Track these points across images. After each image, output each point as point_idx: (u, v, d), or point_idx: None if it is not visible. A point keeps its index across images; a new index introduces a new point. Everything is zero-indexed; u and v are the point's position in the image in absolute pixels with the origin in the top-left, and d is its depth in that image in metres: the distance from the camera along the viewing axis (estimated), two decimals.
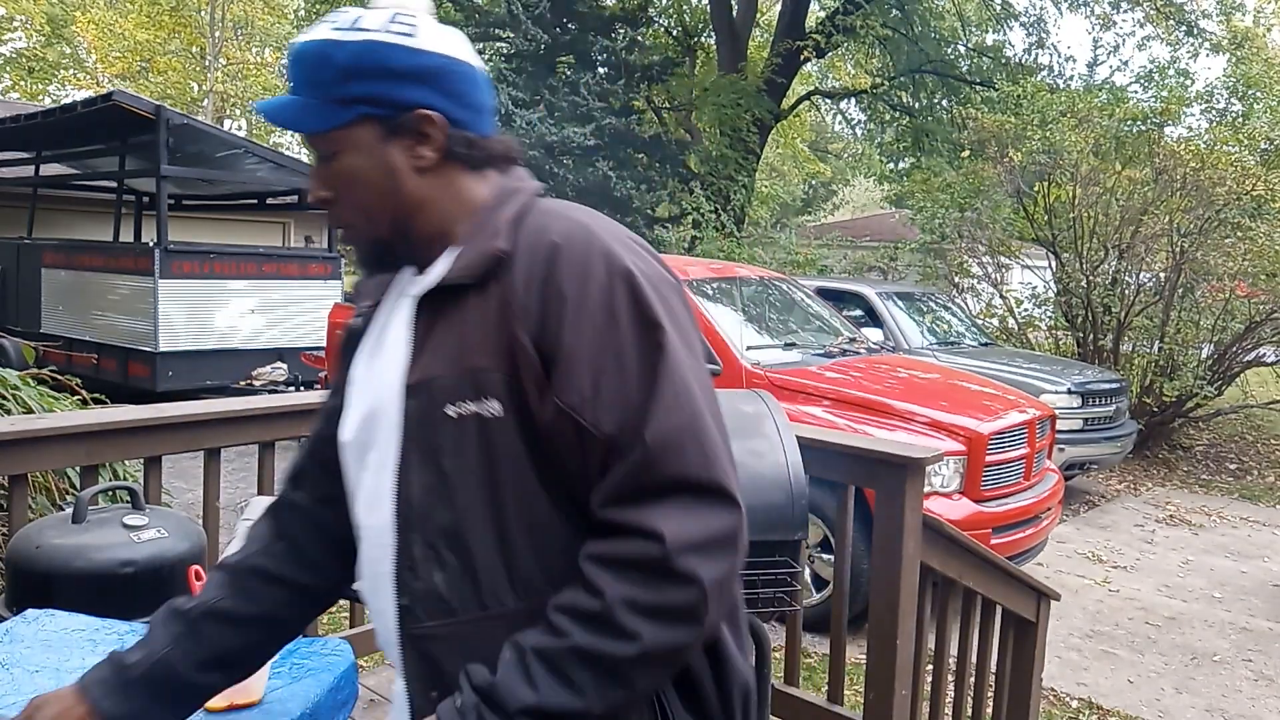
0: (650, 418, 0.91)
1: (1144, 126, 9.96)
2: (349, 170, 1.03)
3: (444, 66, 1.04)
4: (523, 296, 0.95)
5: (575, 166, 13.19)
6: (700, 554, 0.88)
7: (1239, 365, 9.37)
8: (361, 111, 1.01)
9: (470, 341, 0.97)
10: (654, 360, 0.93)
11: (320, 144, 1.04)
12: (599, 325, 0.93)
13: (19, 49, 26.91)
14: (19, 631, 1.50)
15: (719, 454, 0.93)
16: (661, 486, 0.90)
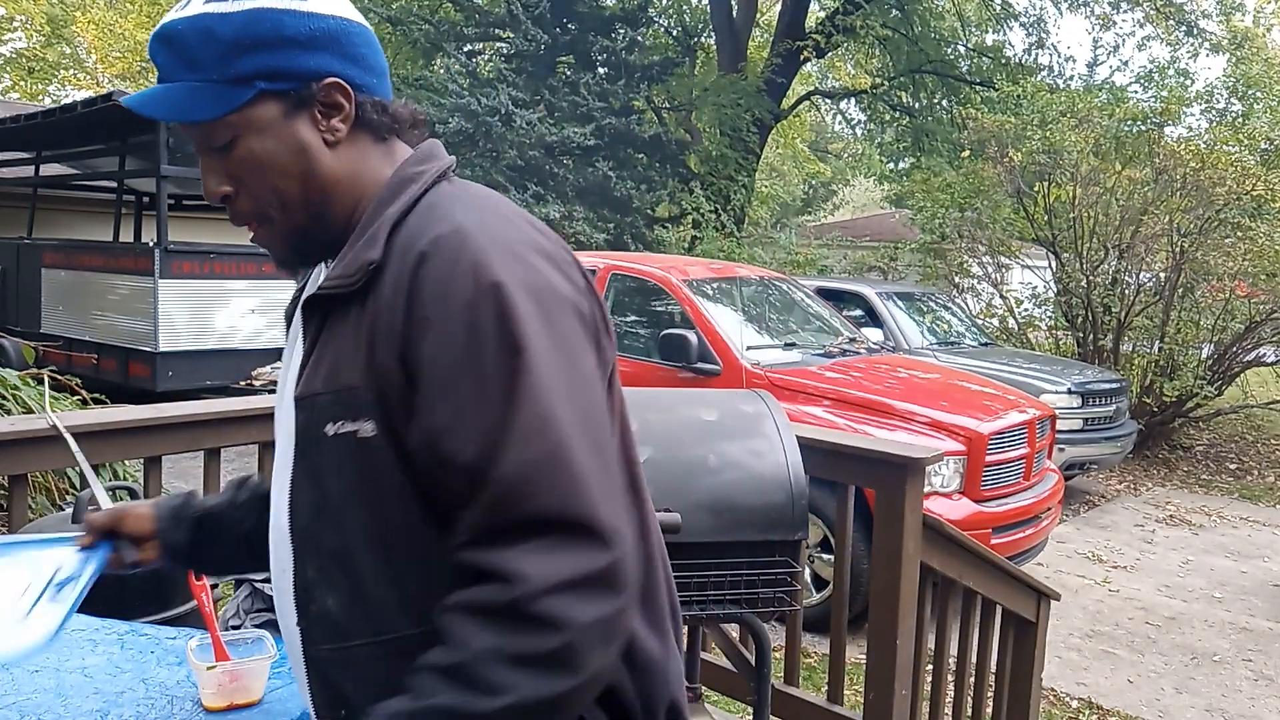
0: (503, 451, 0.82)
1: (1144, 126, 9.96)
2: (253, 156, 0.94)
3: (342, 28, 0.95)
4: (387, 313, 0.87)
5: (575, 166, 13.19)
6: (567, 595, 0.79)
7: (1239, 365, 9.37)
8: (260, 88, 0.92)
9: (345, 357, 0.89)
10: (511, 387, 0.83)
11: (213, 133, 0.94)
12: (459, 347, 0.84)
13: (19, 49, 26.91)
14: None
15: (587, 485, 0.82)
16: (518, 525, 0.81)
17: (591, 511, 0.81)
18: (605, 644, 0.82)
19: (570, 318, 0.88)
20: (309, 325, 0.95)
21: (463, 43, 14.60)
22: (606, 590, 0.81)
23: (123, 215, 11.07)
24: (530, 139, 12.45)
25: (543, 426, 0.82)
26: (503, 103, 12.37)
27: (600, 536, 0.81)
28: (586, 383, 0.87)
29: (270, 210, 0.96)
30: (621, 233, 13.39)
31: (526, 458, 0.81)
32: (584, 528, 0.81)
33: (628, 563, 0.83)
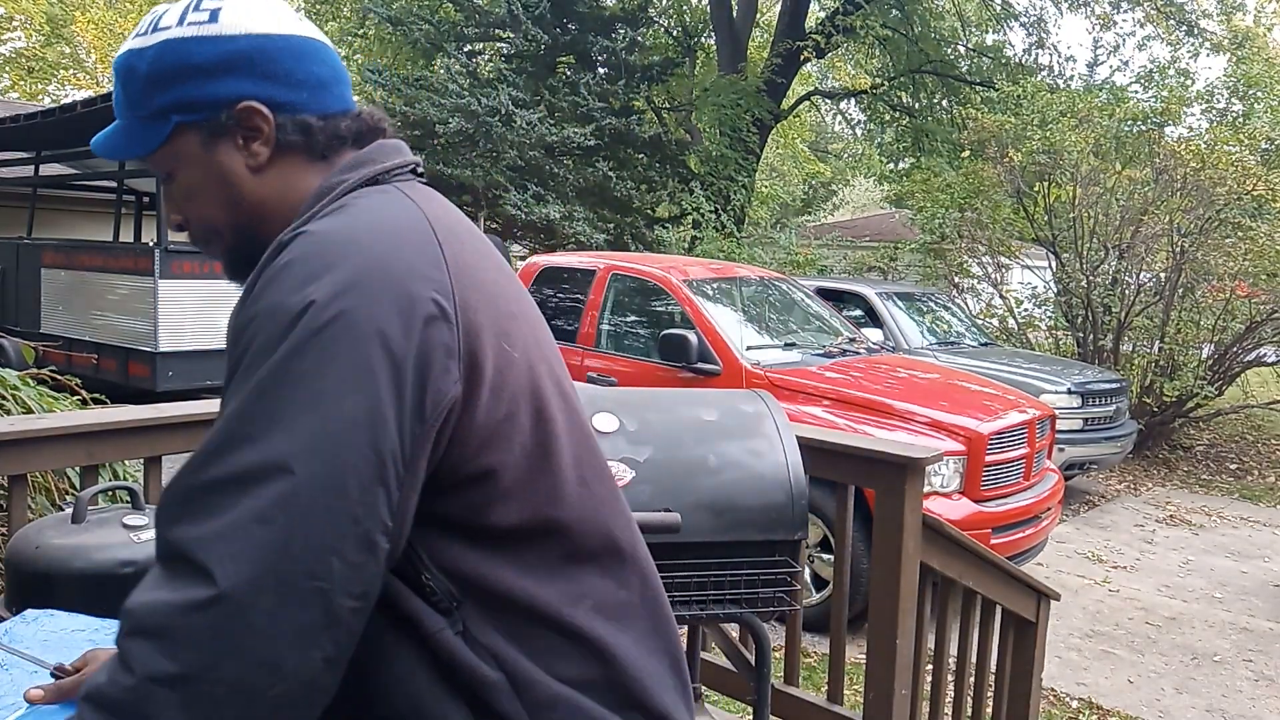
0: (184, 467, 0.80)
1: (1144, 126, 9.96)
2: (186, 187, 0.96)
3: (256, 47, 0.92)
4: (230, 331, 0.85)
5: (575, 166, 13.19)
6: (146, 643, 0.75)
7: (1239, 365, 9.37)
8: (175, 121, 0.93)
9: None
10: (228, 406, 0.80)
11: (155, 166, 0.97)
12: (233, 357, 0.82)
13: (19, 49, 26.91)
14: (18, 632, 1.50)
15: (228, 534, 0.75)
16: (159, 551, 0.79)
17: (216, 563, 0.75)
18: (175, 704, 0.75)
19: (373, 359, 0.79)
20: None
21: (463, 43, 14.60)
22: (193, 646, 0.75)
23: (123, 215, 11.07)
24: (530, 139, 12.44)
25: (222, 456, 0.77)
26: (503, 103, 12.36)
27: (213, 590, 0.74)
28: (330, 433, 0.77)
29: (210, 235, 0.99)
30: (621, 233, 13.39)
31: (187, 482, 0.79)
32: (200, 573, 0.75)
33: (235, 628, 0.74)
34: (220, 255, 1.01)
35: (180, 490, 0.79)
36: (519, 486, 0.89)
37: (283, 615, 0.75)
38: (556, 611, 0.90)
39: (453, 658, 0.86)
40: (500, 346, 0.88)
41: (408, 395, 0.80)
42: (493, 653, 0.87)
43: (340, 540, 0.77)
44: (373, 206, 0.89)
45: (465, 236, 0.93)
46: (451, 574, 0.87)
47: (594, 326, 5.88)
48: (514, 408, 0.88)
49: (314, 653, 0.77)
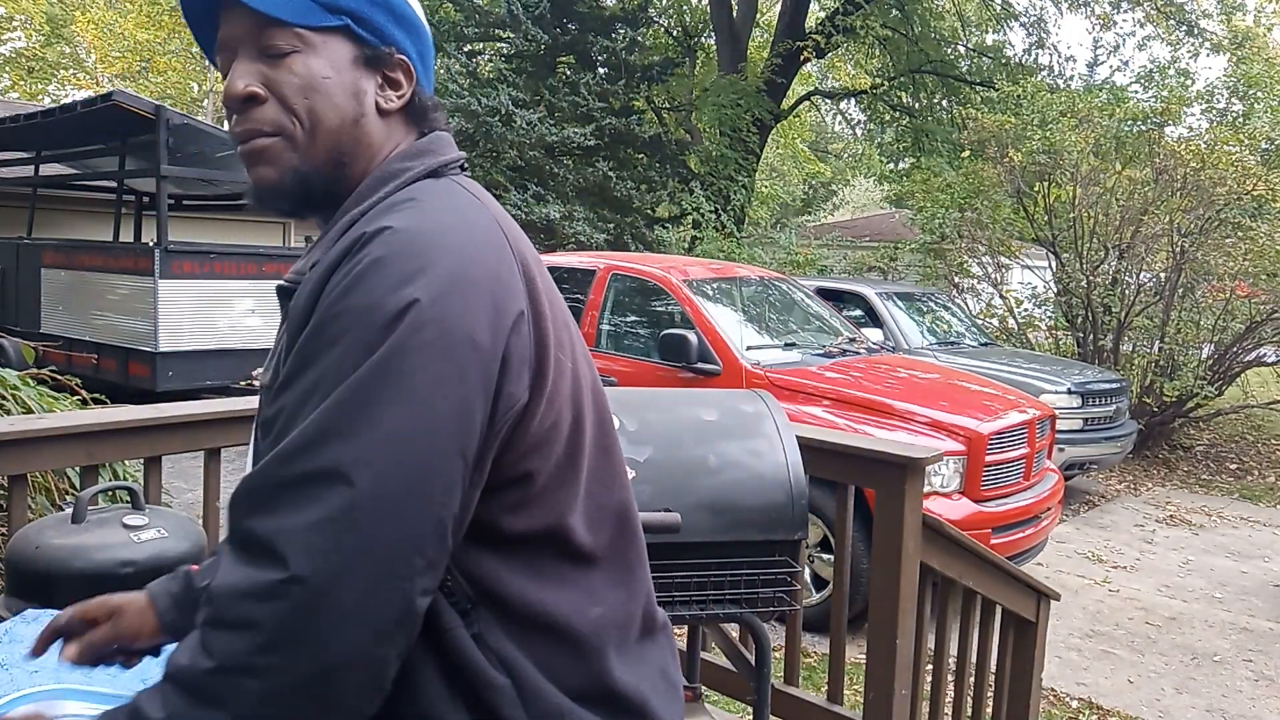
0: (269, 459, 0.80)
1: (1144, 126, 9.96)
2: (308, 73, 0.91)
3: (421, 25, 1.01)
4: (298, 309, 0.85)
5: (575, 166, 13.19)
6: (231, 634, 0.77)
7: (1239, 365, 9.37)
8: (347, 24, 0.92)
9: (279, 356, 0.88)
10: (319, 403, 0.79)
11: (272, 36, 0.91)
12: (311, 349, 0.82)
13: (19, 49, 26.91)
14: (19, 631, 1.50)
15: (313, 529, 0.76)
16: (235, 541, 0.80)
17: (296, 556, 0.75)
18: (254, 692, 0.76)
19: (462, 363, 0.81)
20: (283, 318, 0.94)
21: (463, 43, 14.59)
22: (271, 633, 0.76)
23: (123, 215, 11.08)
24: (530, 139, 12.44)
25: (310, 452, 0.77)
26: (503, 103, 12.36)
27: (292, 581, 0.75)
28: (423, 436, 0.79)
29: (294, 129, 0.92)
30: (621, 233, 13.39)
31: (276, 475, 0.79)
32: (280, 563, 0.76)
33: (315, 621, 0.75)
34: (287, 155, 0.92)
35: (273, 480, 0.79)
36: (547, 492, 0.89)
37: (366, 610, 0.76)
38: (566, 621, 0.91)
39: (463, 657, 0.86)
40: (558, 355, 0.89)
41: (489, 400, 0.82)
42: (501, 658, 0.87)
43: (424, 539, 0.79)
44: (449, 205, 0.90)
45: (523, 238, 0.95)
46: (469, 575, 0.87)
47: (594, 326, 5.88)
48: (559, 416, 0.89)
49: (389, 648, 0.78)
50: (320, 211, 0.97)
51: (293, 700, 0.76)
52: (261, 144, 0.92)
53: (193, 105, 26.74)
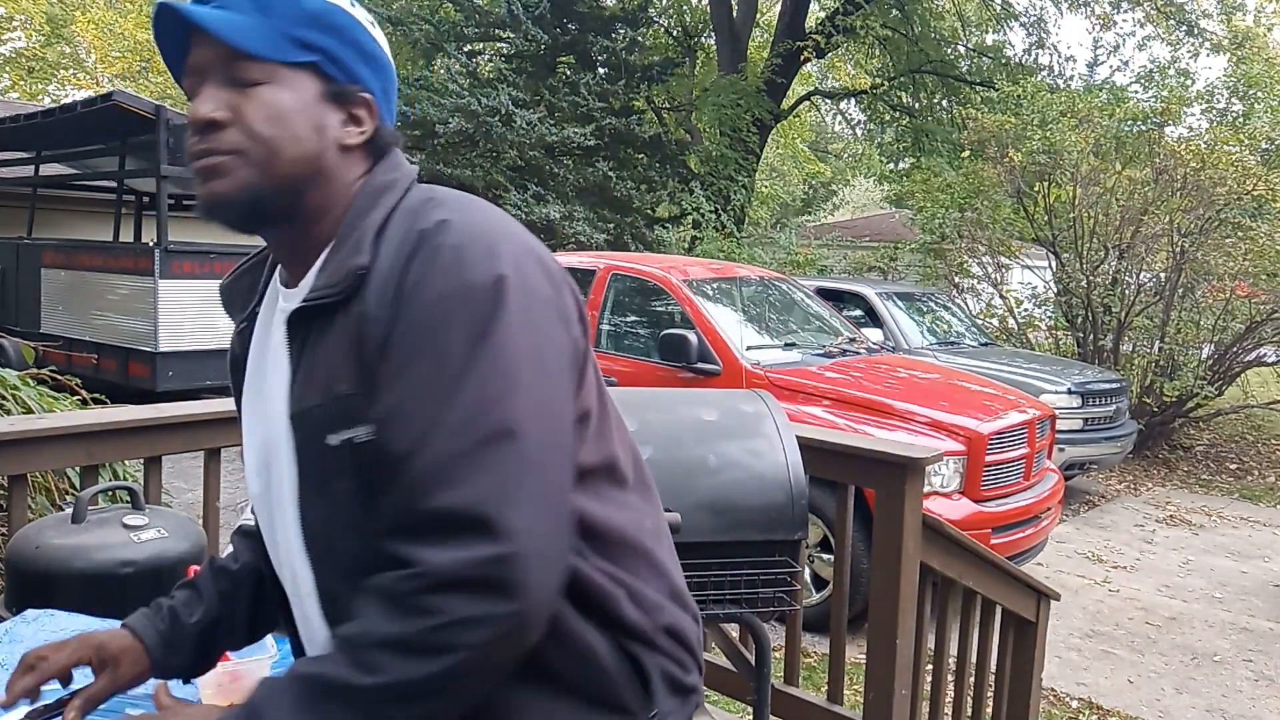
0: (433, 440, 0.83)
1: (1144, 126, 9.95)
2: (274, 104, 0.93)
3: (387, 61, 1.03)
4: (374, 310, 0.88)
5: (575, 166, 13.19)
6: (451, 591, 0.81)
7: (1239, 365, 9.37)
8: (315, 60, 0.95)
9: (336, 366, 0.91)
10: (462, 376, 0.84)
11: (242, 68, 0.93)
12: (420, 337, 0.86)
13: (19, 49, 26.91)
14: (19, 631, 1.50)
15: (508, 485, 0.83)
16: (426, 517, 0.83)
17: (494, 511, 0.82)
18: (484, 639, 0.82)
19: (553, 318, 0.92)
20: (292, 341, 0.96)
21: (463, 43, 14.59)
22: (495, 590, 0.82)
23: (123, 215, 11.07)
24: (530, 139, 12.44)
25: (478, 420, 0.84)
26: (503, 103, 12.36)
27: (504, 538, 0.82)
28: (551, 386, 0.89)
29: (253, 153, 0.94)
30: (621, 233, 13.38)
31: (453, 448, 0.83)
32: (482, 524, 0.82)
33: (528, 566, 0.82)
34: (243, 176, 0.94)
35: (447, 458, 0.83)
36: (601, 426, 1.00)
37: (558, 550, 0.87)
38: (635, 536, 1.02)
39: (586, 579, 0.95)
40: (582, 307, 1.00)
41: (575, 347, 0.94)
42: (607, 574, 0.98)
43: (569, 478, 0.91)
44: (467, 199, 0.96)
45: None
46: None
47: (594, 326, 5.88)
48: (594, 359, 1.02)
49: (560, 580, 0.89)
50: (267, 229, 1.00)
51: (507, 646, 0.84)
52: (216, 160, 0.94)
53: None
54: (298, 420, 0.94)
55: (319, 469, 0.93)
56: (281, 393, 0.96)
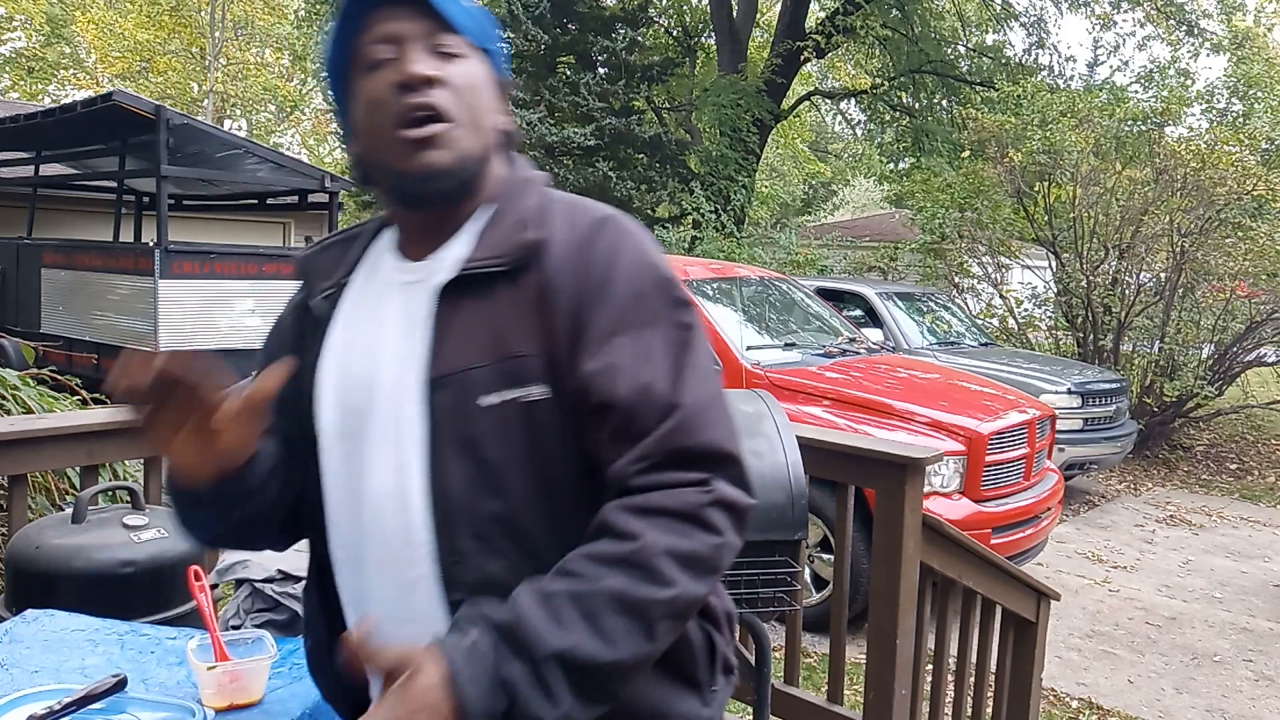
0: (684, 388, 0.94)
1: (1144, 126, 9.96)
2: (470, 77, 1.02)
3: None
4: (558, 279, 0.96)
5: (575, 166, 13.19)
6: (729, 516, 0.93)
7: (1239, 365, 9.37)
8: (493, 50, 1.06)
9: (506, 329, 0.96)
10: (687, 339, 0.98)
11: (447, 41, 1.01)
12: (627, 301, 0.96)
13: (19, 49, 26.91)
14: (19, 631, 1.50)
15: (736, 430, 0.98)
16: (698, 449, 0.93)
17: (740, 453, 0.96)
18: (726, 565, 0.94)
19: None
20: (440, 309, 1.00)
21: None
22: (742, 519, 0.95)
23: (123, 215, 11.07)
24: (530, 139, 12.44)
25: (708, 374, 0.98)
26: None
27: (745, 476, 0.96)
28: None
29: (459, 117, 1.00)
30: None
31: (703, 396, 0.96)
32: (738, 464, 0.96)
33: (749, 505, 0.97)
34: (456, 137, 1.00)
35: (702, 403, 0.96)
36: None
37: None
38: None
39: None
40: None
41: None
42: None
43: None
44: (593, 201, 1.09)
45: None
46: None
47: None
48: None
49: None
50: (452, 203, 1.04)
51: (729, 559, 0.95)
52: (438, 128, 0.98)
53: (193, 105, 26.72)
54: (442, 383, 0.97)
55: (464, 429, 0.95)
56: (407, 358, 0.99)
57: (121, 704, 1.26)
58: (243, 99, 28.16)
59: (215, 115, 26.62)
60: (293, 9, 24.20)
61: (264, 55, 29.68)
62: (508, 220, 1.01)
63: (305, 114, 31.06)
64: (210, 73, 26.07)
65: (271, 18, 27.58)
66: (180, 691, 1.33)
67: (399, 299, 1.02)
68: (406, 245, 1.07)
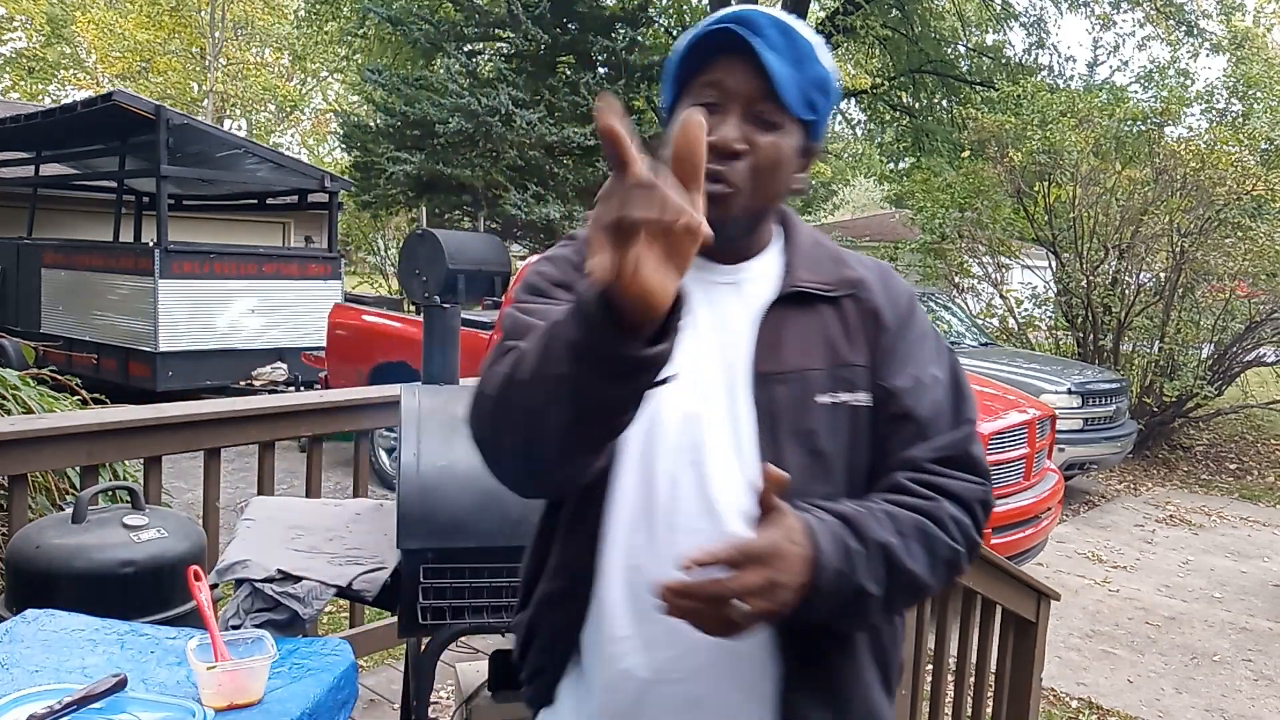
0: (966, 409, 1.16)
1: (1144, 126, 9.95)
2: (780, 151, 1.08)
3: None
4: (884, 311, 1.14)
5: (575, 166, 13.18)
6: (985, 516, 1.13)
7: (1239, 365, 9.37)
8: (810, 120, 1.10)
9: (837, 342, 1.12)
10: (955, 368, 1.18)
11: (769, 110, 1.06)
12: (918, 334, 1.17)
13: (19, 49, 26.91)
14: (19, 631, 1.50)
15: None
16: (976, 455, 1.14)
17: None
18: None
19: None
20: (770, 313, 1.11)
21: (463, 43, 14.57)
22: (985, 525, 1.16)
23: (123, 215, 11.07)
24: (530, 139, 12.43)
25: (975, 407, 1.18)
26: (503, 103, 12.35)
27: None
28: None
29: (743, 188, 1.07)
30: None
31: (972, 419, 1.17)
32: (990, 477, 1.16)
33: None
34: (735, 208, 1.07)
35: (972, 423, 1.16)
36: None
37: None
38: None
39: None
40: None
41: None
42: None
43: None
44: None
45: None
46: None
47: None
48: None
49: None
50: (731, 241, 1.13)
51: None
52: (723, 192, 1.05)
53: (193, 105, 26.72)
54: (778, 378, 1.08)
55: (801, 422, 1.08)
56: (730, 348, 1.10)
57: (121, 704, 1.26)
58: (243, 99, 28.17)
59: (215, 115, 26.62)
60: (293, 9, 24.18)
61: (264, 55, 29.69)
62: (812, 249, 1.18)
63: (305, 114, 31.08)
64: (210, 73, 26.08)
65: (271, 18, 27.59)
66: (180, 691, 1.33)
67: (704, 294, 1.10)
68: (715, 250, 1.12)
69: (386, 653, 3.27)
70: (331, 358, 7.28)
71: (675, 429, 1.07)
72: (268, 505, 2.25)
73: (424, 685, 1.91)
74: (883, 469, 1.11)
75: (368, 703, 2.93)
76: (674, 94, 1.13)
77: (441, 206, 13.35)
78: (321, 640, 1.57)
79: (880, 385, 1.12)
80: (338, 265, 9.87)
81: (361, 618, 3.19)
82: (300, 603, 1.79)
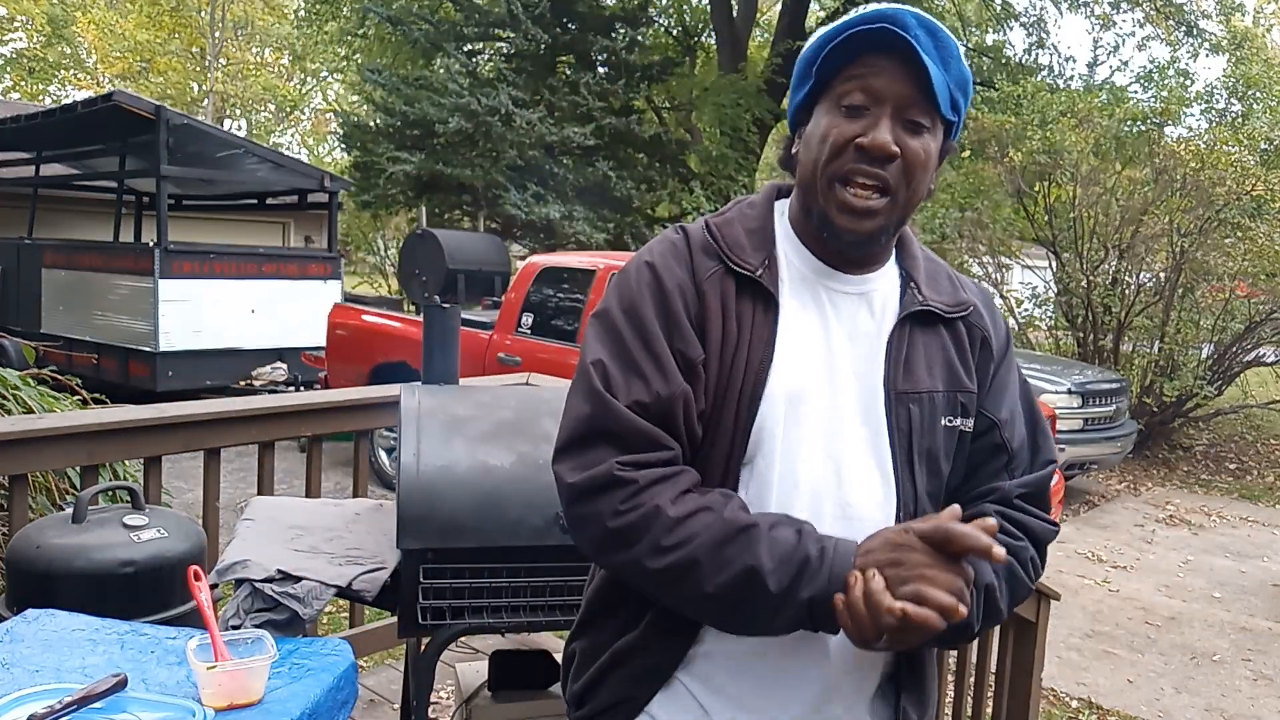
0: (1048, 447, 1.20)
1: (1144, 126, 9.95)
2: (927, 156, 1.06)
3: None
4: (993, 338, 1.17)
5: (575, 166, 13.18)
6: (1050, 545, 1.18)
7: (1239, 365, 9.37)
8: (952, 121, 1.09)
9: (955, 365, 1.13)
10: (1035, 402, 1.22)
11: (920, 112, 1.04)
12: (1013, 366, 1.21)
13: (19, 49, 26.91)
14: (19, 631, 1.50)
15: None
16: (1047, 499, 1.18)
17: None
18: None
19: None
20: (899, 329, 1.12)
21: (463, 43, 14.57)
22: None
23: (123, 215, 11.07)
24: (530, 139, 12.43)
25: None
26: (503, 103, 12.35)
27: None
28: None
29: (899, 196, 1.06)
30: (621, 233, 13.37)
31: (1051, 457, 1.20)
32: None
33: None
34: (888, 210, 1.07)
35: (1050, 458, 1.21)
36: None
37: None
38: None
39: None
40: None
41: None
42: None
43: None
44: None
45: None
46: None
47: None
48: None
49: None
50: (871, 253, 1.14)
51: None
52: (878, 205, 1.06)
53: (193, 105, 26.73)
54: (911, 398, 1.10)
55: (929, 444, 1.11)
56: (860, 361, 1.11)
57: (121, 704, 1.26)
58: (243, 99, 28.18)
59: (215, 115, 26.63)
60: (293, 9, 24.17)
61: (264, 55, 29.69)
62: (927, 265, 1.18)
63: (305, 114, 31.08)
64: (210, 73, 26.08)
65: (271, 18, 27.59)
66: (180, 691, 1.33)
67: (833, 305, 1.12)
68: (823, 252, 1.13)
69: (386, 653, 3.27)
70: (331, 358, 7.29)
71: (819, 444, 1.08)
72: (267, 505, 2.25)
73: (424, 685, 1.91)
74: (963, 493, 1.14)
75: (368, 703, 2.93)
76: (809, 90, 1.09)
77: (441, 206, 13.34)
78: (321, 640, 1.57)
79: (985, 414, 1.15)
80: (337, 265, 9.87)
81: (361, 618, 3.19)
82: (300, 603, 1.79)
